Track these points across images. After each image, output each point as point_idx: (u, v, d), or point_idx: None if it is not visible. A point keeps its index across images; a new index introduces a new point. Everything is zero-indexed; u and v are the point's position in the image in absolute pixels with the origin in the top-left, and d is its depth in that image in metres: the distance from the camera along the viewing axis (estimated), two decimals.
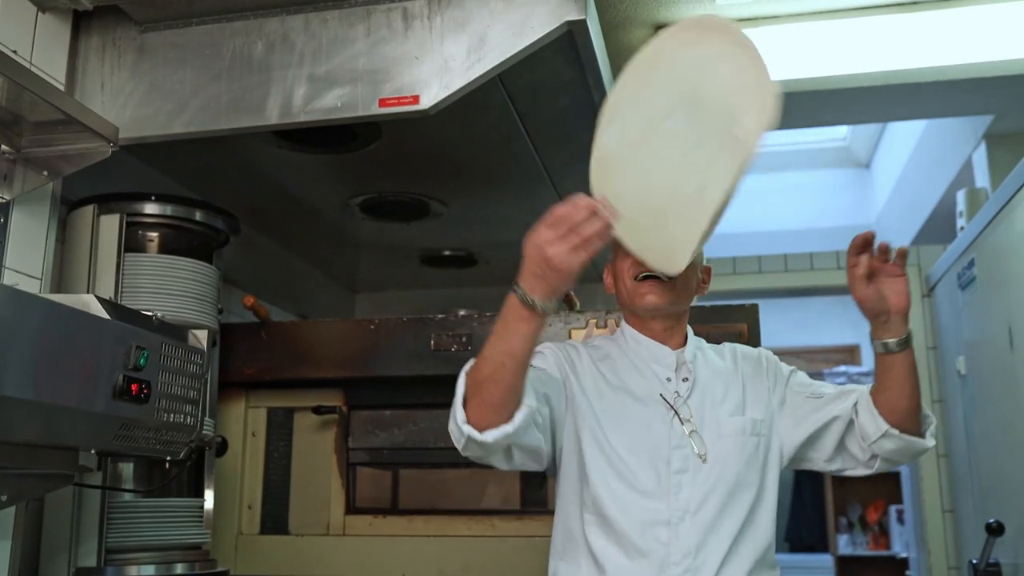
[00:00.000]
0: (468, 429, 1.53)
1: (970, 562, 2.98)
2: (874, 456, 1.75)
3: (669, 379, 1.79)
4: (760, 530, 1.74)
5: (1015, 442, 2.70)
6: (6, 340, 1.28)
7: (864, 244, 1.64)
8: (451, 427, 1.59)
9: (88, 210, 2.19)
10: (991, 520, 2.75)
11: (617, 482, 1.71)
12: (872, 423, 1.70)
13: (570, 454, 1.77)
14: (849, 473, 1.82)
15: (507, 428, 1.53)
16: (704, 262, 1.91)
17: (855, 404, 1.75)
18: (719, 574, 1.65)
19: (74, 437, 1.44)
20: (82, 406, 1.40)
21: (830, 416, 1.77)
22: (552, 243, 1.46)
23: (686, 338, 1.86)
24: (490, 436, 1.53)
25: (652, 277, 1.75)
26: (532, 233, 1.48)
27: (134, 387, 1.49)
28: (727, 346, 1.93)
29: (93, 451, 1.50)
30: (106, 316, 1.47)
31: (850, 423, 1.75)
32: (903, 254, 1.66)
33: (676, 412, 1.74)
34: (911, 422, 1.70)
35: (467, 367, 1.59)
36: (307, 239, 3.35)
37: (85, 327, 1.41)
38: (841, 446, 1.78)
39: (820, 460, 1.83)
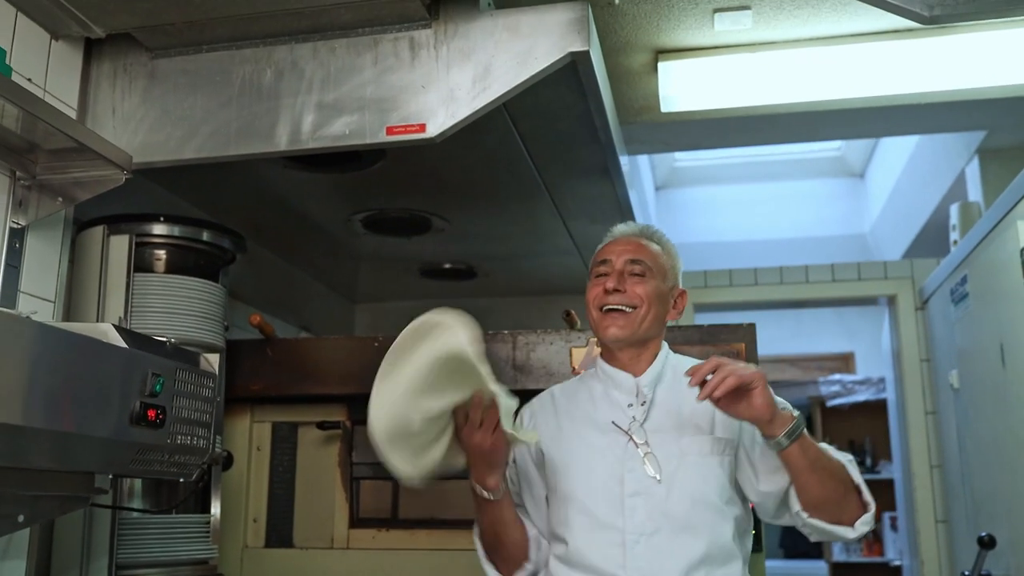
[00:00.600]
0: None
1: (962, 573, 3.03)
2: (804, 525, 1.74)
3: (630, 404, 1.82)
4: (726, 551, 1.73)
5: (1006, 457, 2.75)
6: (26, 371, 1.32)
7: (696, 379, 1.62)
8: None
9: (98, 231, 2.22)
10: (983, 533, 2.80)
11: (576, 514, 1.76)
12: (793, 499, 1.71)
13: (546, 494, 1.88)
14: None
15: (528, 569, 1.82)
16: (680, 284, 1.94)
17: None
18: None
19: (91, 463, 1.48)
20: (100, 433, 1.44)
21: (769, 468, 1.75)
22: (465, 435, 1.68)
23: (652, 359, 1.87)
24: None
25: (615, 310, 1.81)
26: None
27: (151, 413, 1.53)
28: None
29: (111, 475, 1.54)
30: (123, 345, 1.51)
31: (786, 492, 1.74)
32: (729, 377, 1.59)
33: (630, 436, 1.77)
34: (825, 513, 1.68)
35: (476, 531, 1.87)
36: (309, 253, 3.40)
37: (103, 357, 1.45)
38: (783, 506, 1.77)
39: (764, 513, 1.83)
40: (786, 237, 5.67)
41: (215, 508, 2.36)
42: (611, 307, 1.81)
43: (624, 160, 2.81)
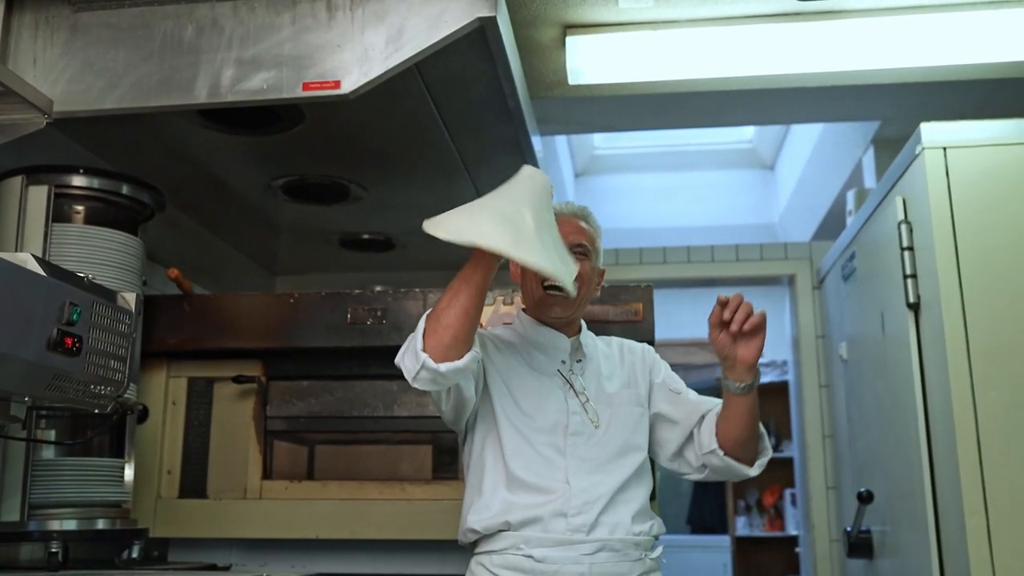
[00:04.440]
0: (424, 357, 1.77)
1: (845, 530, 3.24)
2: (704, 466, 2.07)
3: (564, 361, 2.09)
4: (644, 486, 2.05)
5: (885, 418, 2.95)
6: None
7: (732, 303, 1.93)
8: (405, 360, 1.83)
9: (16, 181, 2.26)
10: (862, 489, 3.01)
11: (525, 446, 1.98)
12: (707, 439, 2.03)
13: (484, 419, 2.04)
14: (685, 476, 2.14)
15: (459, 364, 1.79)
16: (600, 263, 2.19)
17: (701, 417, 2.07)
18: (608, 515, 1.93)
19: (9, 383, 1.54)
20: (18, 354, 1.51)
21: (679, 417, 2.10)
22: None
23: (580, 328, 2.15)
24: (444, 367, 1.78)
25: (558, 289, 1.99)
26: None
27: (67, 340, 1.61)
28: (614, 339, 2.25)
29: (27, 399, 1.61)
30: (42, 272, 1.58)
31: (690, 434, 2.07)
32: (763, 316, 1.94)
33: (571, 385, 2.04)
34: (741, 451, 2.01)
35: (428, 312, 1.85)
36: (229, 220, 3.44)
37: (23, 281, 1.52)
38: (680, 451, 2.11)
39: (663, 456, 2.14)
40: (699, 225, 5.87)
41: (129, 458, 2.42)
42: (555, 287, 2.00)
43: (536, 140, 2.94)
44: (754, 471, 2.06)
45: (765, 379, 6.48)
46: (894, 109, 3.71)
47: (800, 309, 4.30)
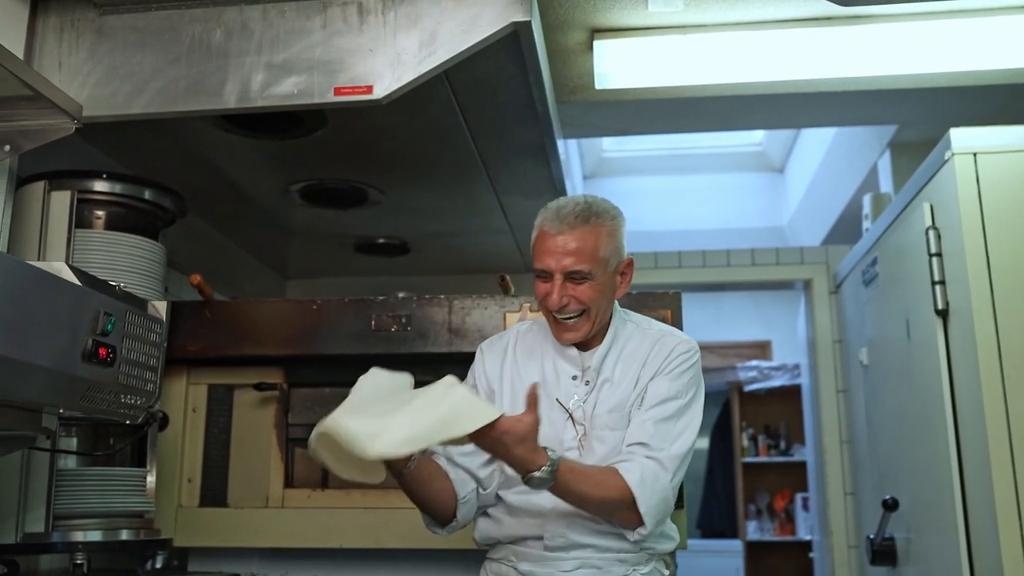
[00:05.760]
0: (436, 529, 1.97)
1: (867, 537, 3.21)
2: None
3: (575, 377, 1.96)
4: None
5: (910, 424, 2.93)
6: None
7: None
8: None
9: (38, 186, 2.23)
10: (887, 496, 2.98)
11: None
12: None
13: None
14: None
15: (453, 527, 1.95)
16: (626, 254, 2.00)
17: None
18: (589, 536, 1.88)
19: (43, 395, 1.51)
20: (53, 365, 1.48)
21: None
22: None
23: (605, 334, 1.98)
24: (446, 531, 1.96)
25: (570, 318, 1.91)
26: None
27: (102, 351, 1.58)
28: (655, 334, 2.00)
29: (61, 409, 1.57)
30: (77, 282, 1.55)
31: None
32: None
33: (571, 416, 1.93)
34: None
35: None
36: (244, 224, 3.42)
37: (58, 290, 1.49)
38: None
39: None
40: (707, 228, 5.84)
41: (151, 467, 2.39)
42: (566, 316, 1.92)
43: (561, 143, 2.91)
44: (631, 536, 1.86)
45: (777, 382, 6.47)
46: (913, 113, 3.69)
47: (817, 314, 4.28)
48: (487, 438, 1.66)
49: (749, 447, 6.73)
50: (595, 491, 1.79)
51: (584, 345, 1.97)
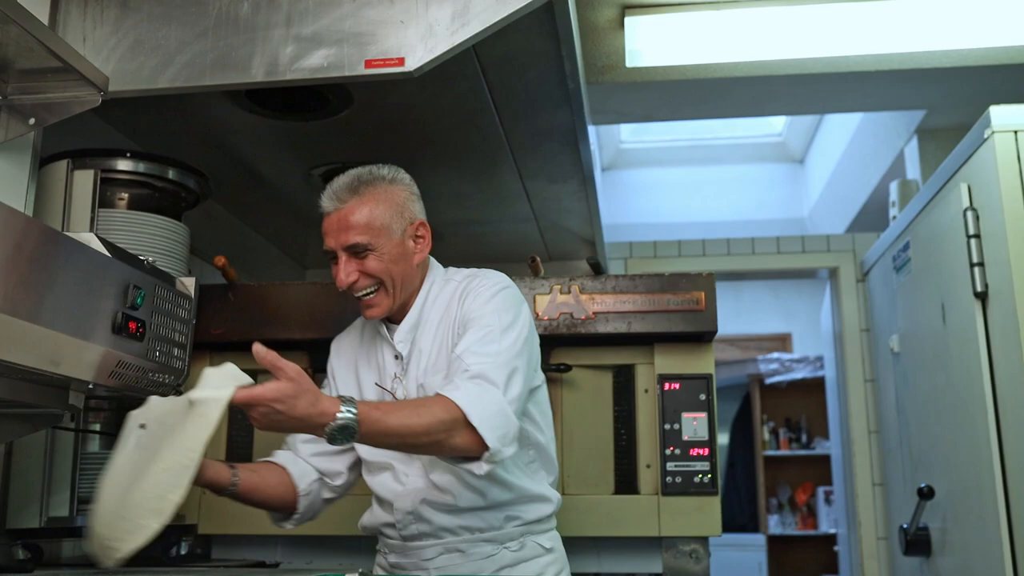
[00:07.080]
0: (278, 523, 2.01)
1: (901, 527, 3.15)
2: None
3: (397, 356, 1.94)
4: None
5: (946, 411, 2.86)
6: (16, 264, 1.31)
7: None
8: None
9: (61, 165, 2.18)
10: (923, 484, 2.92)
11: (370, 458, 1.95)
12: None
13: None
14: None
15: (298, 520, 1.98)
16: (416, 215, 2.00)
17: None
18: (440, 515, 1.84)
19: (73, 367, 1.47)
20: (84, 337, 1.44)
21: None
22: None
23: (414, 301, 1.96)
24: (292, 524, 1.99)
25: (367, 294, 1.89)
26: None
27: (132, 325, 1.54)
28: (460, 279, 1.99)
29: (91, 385, 1.53)
30: (107, 253, 1.51)
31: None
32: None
33: (394, 396, 1.89)
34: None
35: None
36: (264, 211, 3.37)
37: (90, 262, 1.45)
38: None
39: None
40: (728, 219, 5.79)
41: None
42: (361, 293, 1.90)
43: (591, 128, 2.86)
44: (478, 470, 1.71)
45: (798, 375, 6.40)
46: (942, 96, 3.62)
47: (844, 302, 4.21)
48: (263, 418, 1.55)
49: (770, 441, 6.66)
50: (418, 419, 1.62)
51: (399, 318, 1.94)
